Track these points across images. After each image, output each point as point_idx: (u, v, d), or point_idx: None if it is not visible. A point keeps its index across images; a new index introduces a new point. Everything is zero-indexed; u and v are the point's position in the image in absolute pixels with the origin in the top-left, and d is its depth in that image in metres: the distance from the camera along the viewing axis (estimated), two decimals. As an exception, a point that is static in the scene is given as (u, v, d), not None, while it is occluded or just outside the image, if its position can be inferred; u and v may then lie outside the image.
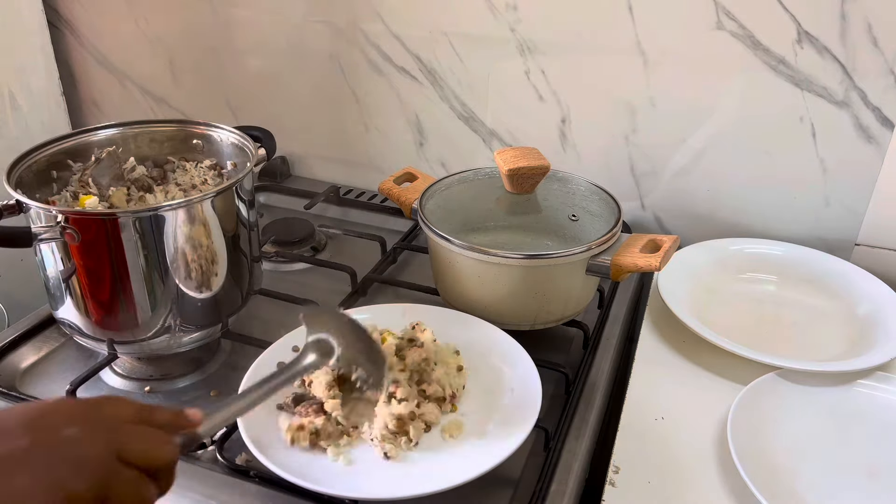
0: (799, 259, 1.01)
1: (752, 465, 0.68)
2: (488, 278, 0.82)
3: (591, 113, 1.09)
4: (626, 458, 0.72)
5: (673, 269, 0.93)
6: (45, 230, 0.70)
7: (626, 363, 0.92)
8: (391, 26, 1.13)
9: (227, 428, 0.71)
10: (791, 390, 0.79)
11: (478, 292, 0.83)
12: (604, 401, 0.81)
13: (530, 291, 0.82)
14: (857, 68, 0.94)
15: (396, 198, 0.93)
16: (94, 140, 0.87)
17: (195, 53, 1.29)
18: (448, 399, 0.71)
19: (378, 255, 1.06)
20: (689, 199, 1.09)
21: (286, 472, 0.62)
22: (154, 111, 1.37)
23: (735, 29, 0.97)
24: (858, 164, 0.99)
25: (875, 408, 0.78)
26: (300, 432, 0.67)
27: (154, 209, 0.72)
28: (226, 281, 0.80)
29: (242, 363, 0.77)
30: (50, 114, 1.32)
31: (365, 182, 1.26)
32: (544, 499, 0.67)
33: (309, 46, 1.20)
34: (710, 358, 0.85)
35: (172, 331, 0.78)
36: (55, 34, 1.33)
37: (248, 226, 0.83)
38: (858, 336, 0.89)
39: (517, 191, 0.89)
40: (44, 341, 0.88)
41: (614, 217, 0.85)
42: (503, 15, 1.06)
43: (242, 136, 0.86)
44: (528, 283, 0.81)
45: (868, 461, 0.73)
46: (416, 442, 0.67)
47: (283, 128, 0.98)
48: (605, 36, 1.03)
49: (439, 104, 1.16)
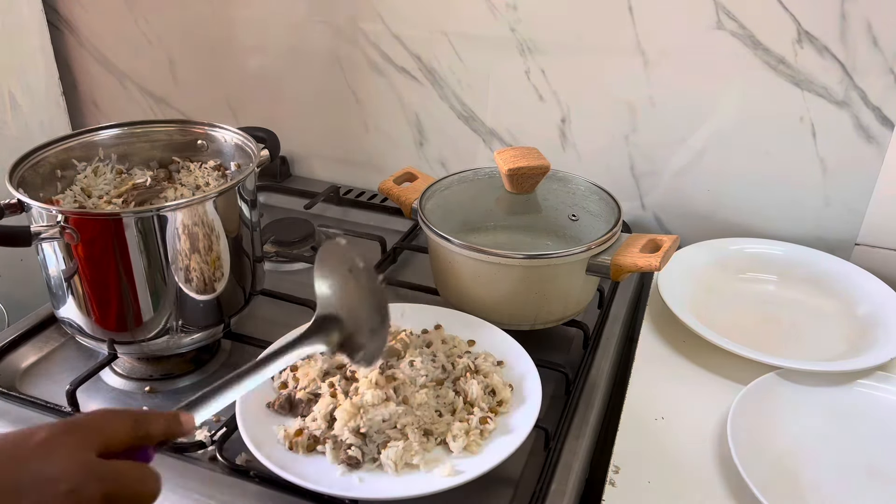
0: (799, 259, 1.01)
1: (752, 465, 0.68)
2: (488, 278, 0.82)
3: (591, 113, 1.09)
4: (626, 458, 0.72)
5: (673, 269, 0.93)
6: (45, 230, 0.70)
7: (626, 363, 0.92)
8: (391, 26, 1.14)
9: (226, 428, 0.72)
10: (791, 390, 0.79)
11: (478, 292, 0.83)
12: (604, 401, 0.81)
13: (530, 291, 0.82)
14: (857, 68, 0.94)
15: (396, 198, 0.93)
16: (97, 140, 0.87)
17: (195, 53, 1.29)
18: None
19: (378, 255, 1.06)
20: (689, 199, 1.09)
21: (286, 472, 0.62)
22: (154, 111, 1.37)
23: (735, 29, 0.97)
24: (858, 164, 0.99)
25: (875, 408, 0.78)
26: (298, 438, 0.67)
27: (156, 209, 0.72)
28: (228, 282, 0.80)
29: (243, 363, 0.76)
30: (50, 114, 1.32)
31: (365, 182, 1.26)
32: (544, 499, 0.67)
33: (309, 46, 1.20)
34: (710, 358, 0.85)
35: (174, 331, 0.78)
36: (55, 34, 1.33)
37: (250, 226, 0.83)
38: (858, 336, 0.89)
39: (517, 191, 0.89)
40: (44, 341, 0.88)
41: (614, 217, 0.85)
42: (503, 15, 1.06)
43: (245, 137, 0.86)
44: (528, 283, 0.81)
45: (868, 461, 0.73)
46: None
47: (283, 128, 0.98)
48: (605, 36, 1.03)
49: (439, 104, 1.16)
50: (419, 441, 0.65)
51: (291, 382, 0.72)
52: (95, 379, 0.81)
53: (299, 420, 0.69)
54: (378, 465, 0.65)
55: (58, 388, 0.79)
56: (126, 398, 0.80)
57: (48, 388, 0.81)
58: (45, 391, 0.80)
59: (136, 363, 0.84)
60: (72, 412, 0.75)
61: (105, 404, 0.79)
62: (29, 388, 0.81)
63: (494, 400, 0.71)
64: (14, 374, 0.83)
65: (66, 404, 0.76)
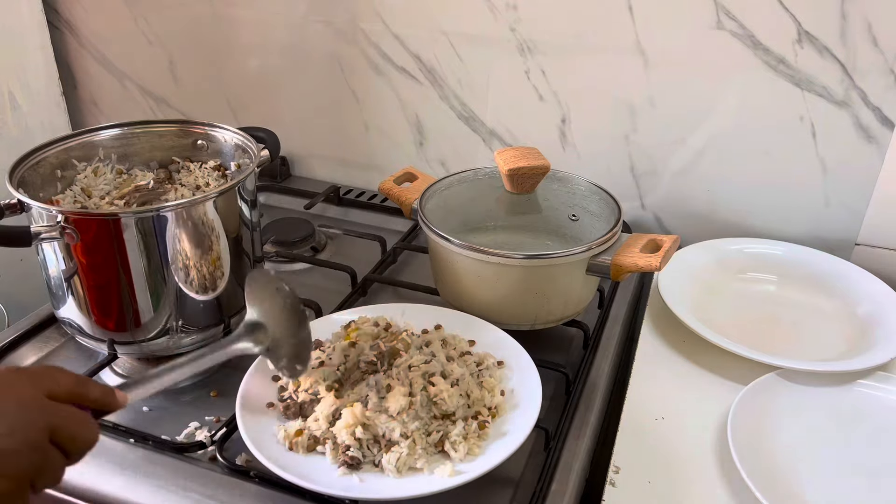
0: (799, 259, 1.01)
1: (752, 465, 0.68)
2: (488, 278, 0.82)
3: (591, 113, 1.09)
4: (626, 458, 0.72)
5: (673, 269, 0.93)
6: (45, 230, 0.70)
7: (626, 363, 0.92)
8: (391, 26, 1.14)
9: (226, 428, 0.72)
10: (791, 390, 0.79)
11: (478, 292, 0.83)
12: (604, 401, 0.81)
13: (530, 291, 0.82)
14: (857, 68, 0.94)
15: (396, 198, 0.93)
16: (97, 140, 0.87)
17: (195, 53, 1.29)
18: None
19: (378, 255, 1.06)
20: (689, 199, 1.09)
21: (286, 473, 0.62)
22: (154, 111, 1.37)
23: (735, 29, 0.97)
24: (858, 164, 0.99)
25: (875, 408, 0.78)
26: (298, 438, 0.67)
27: (156, 209, 0.72)
28: (228, 282, 0.80)
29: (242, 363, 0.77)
30: (50, 114, 1.32)
31: (365, 182, 1.26)
32: (544, 499, 0.67)
33: (309, 46, 1.20)
34: (710, 358, 0.85)
35: (174, 332, 0.78)
36: (55, 34, 1.33)
37: (250, 226, 0.83)
38: (858, 336, 0.89)
39: (517, 191, 0.89)
40: (44, 341, 0.88)
41: (614, 217, 0.85)
42: (503, 15, 1.06)
43: (245, 137, 0.86)
44: (528, 283, 0.81)
45: (868, 461, 0.73)
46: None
47: (283, 128, 0.98)
48: (605, 36, 1.03)
49: (439, 104, 1.16)
50: (424, 446, 0.65)
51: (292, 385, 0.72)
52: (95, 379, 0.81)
53: (299, 420, 0.69)
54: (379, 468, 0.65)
55: (58, 388, 0.79)
56: (126, 398, 0.80)
57: (48, 388, 0.81)
58: (45, 391, 0.80)
59: (136, 363, 0.84)
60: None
61: (105, 404, 0.79)
62: (29, 389, 0.81)
63: (494, 401, 0.71)
64: (14, 375, 0.83)
65: (66, 404, 0.76)
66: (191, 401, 0.80)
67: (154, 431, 0.73)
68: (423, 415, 0.67)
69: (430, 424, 0.68)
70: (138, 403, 0.79)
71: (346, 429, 0.65)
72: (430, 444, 0.66)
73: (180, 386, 0.82)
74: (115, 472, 0.69)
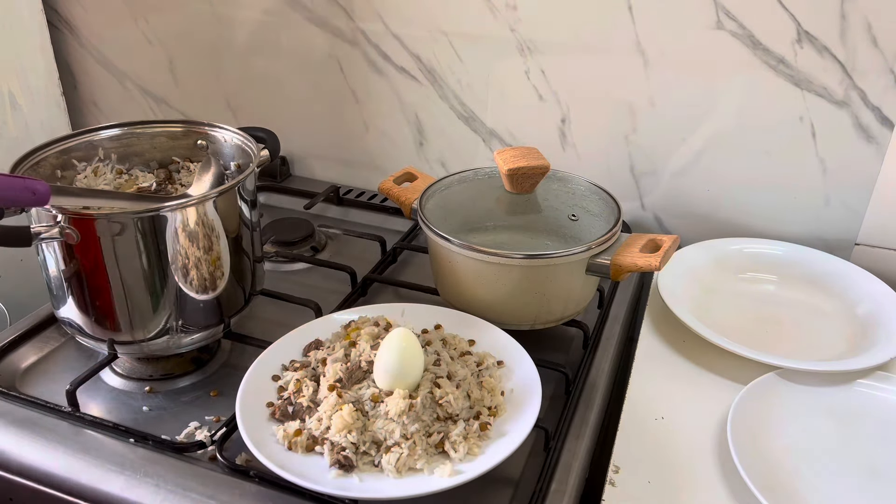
0: (799, 259, 1.01)
1: (752, 465, 0.68)
2: (488, 278, 0.82)
3: (591, 113, 1.09)
4: (626, 458, 0.72)
5: (673, 269, 0.93)
6: (45, 230, 0.70)
7: (626, 363, 0.92)
8: (391, 26, 1.14)
9: (226, 428, 0.72)
10: (791, 390, 0.79)
11: (478, 292, 0.83)
12: (604, 401, 0.81)
13: (530, 291, 0.82)
14: (856, 68, 0.94)
15: (396, 198, 0.93)
16: (97, 140, 0.87)
17: (195, 53, 1.29)
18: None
19: (378, 255, 1.06)
20: (688, 199, 1.09)
21: (286, 472, 0.62)
22: (154, 111, 1.37)
23: (735, 29, 0.97)
24: (858, 164, 0.99)
25: (875, 408, 0.78)
26: (297, 438, 0.66)
27: (156, 209, 0.72)
28: (228, 282, 0.80)
29: (242, 363, 0.77)
30: (50, 114, 1.32)
31: (365, 182, 1.26)
32: (544, 499, 0.67)
33: (309, 46, 1.20)
34: (710, 358, 0.85)
35: (174, 331, 0.78)
36: (55, 34, 1.33)
37: (250, 226, 0.83)
38: (858, 336, 0.89)
39: (517, 191, 0.89)
40: (44, 341, 0.88)
41: (614, 217, 0.85)
42: (503, 15, 1.06)
43: (245, 137, 0.86)
44: (528, 283, 0.81)
45: (868, 461, 0.73)
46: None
47: (283, 128, 0.98)
48: (604, 36, 1.03)
49: (439, 104, 1.16)
50: (424, 447, 0.65)
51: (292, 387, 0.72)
52: (95, 379, 0.81)
53: (299, 421, 0.69)
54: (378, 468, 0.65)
55: (58, 388, 0.79)
56: (126, 398, 0.80)
57: (48, 388, 0.81)
58: (45, 391, 0.80)
59: (136, 363, 0.84)
60: (72, 413, 0.75)
61: (105, 404, 0.79)
62: (29, 388, 0.81)
63: (494, 401, 0.71)
64: (14, 374, 0.83)
65: (67, 404, 0.76)
66: (191, 401, 0.80)
67: (154, 431, 0.73)
68: (425, 417, 0.67)
69: (432, 426, 0.68)
70: (138, 403, 0.79)
71: (338, 433, 0.65)
72: (430, 444, 0.66)
73: (180, 386, 0.82)
74: (115, 472, 0.69)
